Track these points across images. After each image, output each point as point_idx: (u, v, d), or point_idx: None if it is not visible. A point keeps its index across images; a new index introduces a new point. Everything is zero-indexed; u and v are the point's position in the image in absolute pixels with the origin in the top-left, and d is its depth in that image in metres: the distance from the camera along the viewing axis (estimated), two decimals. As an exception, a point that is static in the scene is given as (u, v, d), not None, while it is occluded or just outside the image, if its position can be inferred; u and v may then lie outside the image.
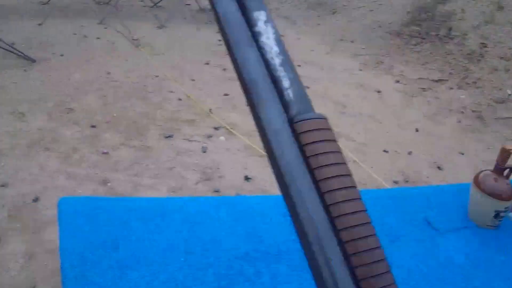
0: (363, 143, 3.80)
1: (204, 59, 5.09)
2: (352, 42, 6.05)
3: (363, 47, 5.91)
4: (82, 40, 5.18)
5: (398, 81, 5.12)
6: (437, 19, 6.08)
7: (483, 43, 5.55)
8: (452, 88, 5.03)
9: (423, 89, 4.99)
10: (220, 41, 5.40)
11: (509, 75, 5.08)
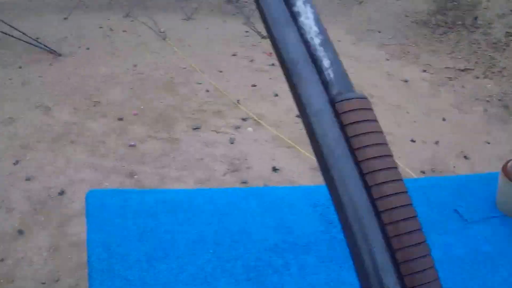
0: (390, 133, 3.74)
1: (231, 50, 5.06)
2: (379, 32, 5.98)
3: (390, 37, 5.85)
4: (108, 33, 5.19)
5: (425, 71, 5.09)
6: (463, 8, 6.03)
7: (508, 32, 5.50)
8: (478, 77, 4.97)
9: (450, 78, 4.95)
10: (247, 32, 5.39)
11: (534, 64, 5.03)
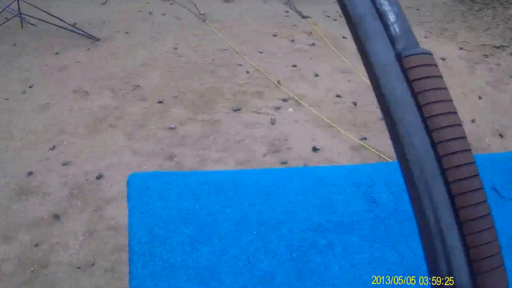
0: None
1: (271, 31, 4.99)
2: (417, 9, 5.86)
3: (428, 14, 5.74)
4: (147, 17, 5.16)
5: (461, 48, 5.02)
6: (498, -16, 5.88)
7: (544, 7, 5.37)
8: (513, 54, 4.88)
9: (486, 55, 4.88)
10: (287, 12, 5.32)
11: None
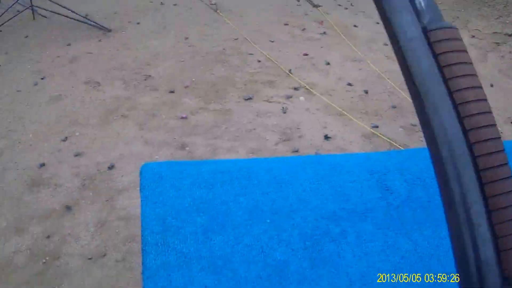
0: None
1: (283, 20, 4.98)
2: (429, -3, 5.81)
3: (440, 2, 5.67)
4: (158, 7, 5.16)
5: (473, 36, 4.98)
6: (511, -30, 5.81)
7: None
8: (525, 42, 4.84)
9: (497, 43, 4.83)
10: (298, 1, 5.29)
11: None
